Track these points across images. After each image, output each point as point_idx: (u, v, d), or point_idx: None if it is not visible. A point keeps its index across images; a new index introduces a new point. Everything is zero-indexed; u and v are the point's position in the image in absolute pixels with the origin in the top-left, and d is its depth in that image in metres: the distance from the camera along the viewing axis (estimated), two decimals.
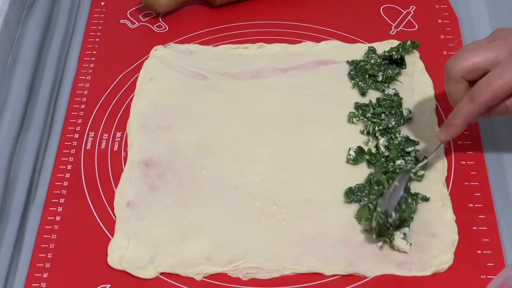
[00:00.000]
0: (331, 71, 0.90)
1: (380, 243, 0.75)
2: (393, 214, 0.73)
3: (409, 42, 0.90)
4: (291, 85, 0.89)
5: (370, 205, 0.76)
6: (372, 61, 0.89)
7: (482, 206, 0.78)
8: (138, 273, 0.74)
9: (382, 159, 0.81)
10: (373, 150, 0.82)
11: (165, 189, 0.80)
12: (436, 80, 0.88)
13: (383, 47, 0.91)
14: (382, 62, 0.89)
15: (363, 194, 0.78)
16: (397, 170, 0.79)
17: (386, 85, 0.87)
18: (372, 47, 0.91)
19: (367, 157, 0.81)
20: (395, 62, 0.89)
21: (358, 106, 0.85)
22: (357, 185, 0.79)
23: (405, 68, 0.89)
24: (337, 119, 0.85)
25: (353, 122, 0.85)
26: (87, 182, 0.81)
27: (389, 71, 0.88)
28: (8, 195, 0.81)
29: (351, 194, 0.78)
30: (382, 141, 0.82)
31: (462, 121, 0.74)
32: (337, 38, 0.94)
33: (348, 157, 0.81)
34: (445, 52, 0.91)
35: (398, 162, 0.80)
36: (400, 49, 0.89)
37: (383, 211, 0.74)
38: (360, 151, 0.81)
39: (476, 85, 0.72)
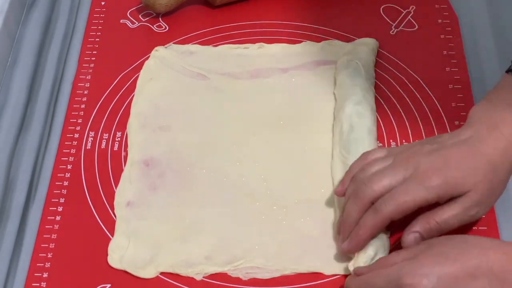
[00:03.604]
0: (331, 71, 0.90)
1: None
2: None
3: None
4: (291, 85, 0.89)
5: None
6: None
7: None
8: (138, 273, 0.74)
9: None
10: None
11: (165, 189, 0.80)
12: (436, 79, 0.88)
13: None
14: None
15: None
16: None
17: None
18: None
19: None
20: None
21: None
22: None
23: None
24: None
25: None
26: (87, 182, 0.81)
27: None
28: (8, 195, 0.81)
29: None
30: None
31: (366, 232, 0.72)
32: (337, 38, 0.94)
33: None
34: (445, 52, 0.91)
35: None
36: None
37: None
38: None
39: (382, 199, 0.71)
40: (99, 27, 0.97)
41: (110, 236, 0.77)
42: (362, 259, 0.72)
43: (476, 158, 0.70)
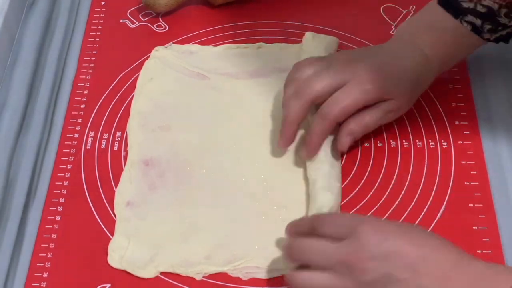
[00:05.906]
0: None
1: None
2: None
3: None
4: None
5: None
6: None
7: (482, 206, 0.78)
8: (138, 273, 0.74)
9: None
10: None
11: (165, 189, 0.80)
12: (436, 79, 0.88)
13: None
14: None
15: None
16: None
17: None
18: None
19: None
20: None
21: None
22: None
23: None
24: None
25: None
26: (87, 182, 0.81)
27: None
28: (8, 195, 0.81)
29: None
30: None
31: (318, 138, 0.79)
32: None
33: None
34: None
35: None
36: None
37: None
38: None
39: (326, 103, 0.78)
40: (99, 27, 0.97)
41: (110, 236, 0.77)
42: None
43: (400, 70, 0.79)
